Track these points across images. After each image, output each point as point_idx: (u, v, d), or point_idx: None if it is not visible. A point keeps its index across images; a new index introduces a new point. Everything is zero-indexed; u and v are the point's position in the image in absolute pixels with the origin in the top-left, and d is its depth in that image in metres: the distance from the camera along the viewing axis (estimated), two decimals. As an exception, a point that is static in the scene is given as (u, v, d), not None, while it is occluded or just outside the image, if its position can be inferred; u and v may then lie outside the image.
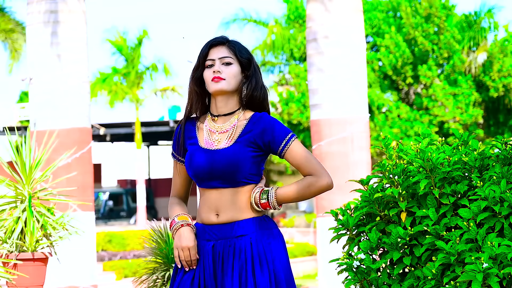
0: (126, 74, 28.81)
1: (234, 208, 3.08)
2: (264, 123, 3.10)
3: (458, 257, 3.02)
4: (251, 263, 3.03)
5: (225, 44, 3.16)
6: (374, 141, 21.66)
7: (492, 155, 3.32)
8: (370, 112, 22.12)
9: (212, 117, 3.17)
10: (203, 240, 3.11)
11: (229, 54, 3.13)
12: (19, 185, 4.77)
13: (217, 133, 3.13)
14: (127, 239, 20.71)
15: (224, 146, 3.10)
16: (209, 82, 3.11)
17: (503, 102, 23.12)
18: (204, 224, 3.13)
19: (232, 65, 3.13)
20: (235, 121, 3.13)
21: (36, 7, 8.58)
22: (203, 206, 3.14)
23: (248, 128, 3.11)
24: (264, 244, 3.06)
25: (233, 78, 3.11)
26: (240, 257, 3.03)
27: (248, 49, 3.20)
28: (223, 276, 3.03)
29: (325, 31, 8.68)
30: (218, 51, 3.14)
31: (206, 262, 3.07)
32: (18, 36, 24.39)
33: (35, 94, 8.62)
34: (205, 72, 3.13)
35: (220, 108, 3.15)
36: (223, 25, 25.66)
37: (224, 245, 3.06)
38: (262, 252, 3.05)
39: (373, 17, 23.74)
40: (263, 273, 3.01)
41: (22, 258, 4.62)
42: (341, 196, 8.47)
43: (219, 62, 3.12)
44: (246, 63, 3.15)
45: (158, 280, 4.29)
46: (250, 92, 3.13)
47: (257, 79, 3.16)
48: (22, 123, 31.44)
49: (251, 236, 3.06)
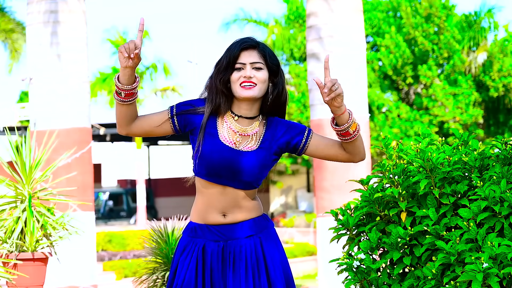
0: (126, 74, 28.75)
1: (241, 208, 3.07)
2: (283, 125, 3.11)
3: (458, 257, 3.02)
4: (264, 263, 3.04)
5: (256, 48, 3.09)
6: (374, 141, 21.66)
7: (492, 155, 3.32)
8: (370, 112, 22.13)
9: (233, 115, 3.11)
10: (210, 241, 3.06)
11: (260, 60, 3.07)
12: (19, 185, 4.77)
13: (238, 134, 3.08)
14: (127, 239, 20.71)
15: (248, 149, 3.06)
16: (237, 86, 3.05)
17: (503, 102, 23.13)
18: (208, 224, 3.07)
19: (262, 70, 3.06)
20: (256, 127, 3.09)
21: (36, 7, 8.59)
22: (204, 204, 3.07)
23: (268, 135, 3.09)
24: (270, 243, 3.08)
25: (263, 84, 3.07)
26: (251, 257, 3.03)
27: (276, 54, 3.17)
28: (233, 276, 3.01)
29: (326, 31, 8.68)
30: (250, 55, 3.07)
31: (215, 262, 3.03)
32: (18, 36, 24.40)
33: (35, 94, 8.62)
34: (234, 75, 3.05)
35: (244, 111, 3.10)
36: (224, 26, 25.68)
37: (235, 246, 3.04)
38: (267, 252, 3.06)
39: (373, 17, 23.74)
40: (276, 273, 3.03)
41: (22, 258, 4.62)
42: (341, 196, 8.48)
43: (250, 67, 3.05)
44: (275, 69, 3.11)
45: (158, 280, 4.29)
46: (277, 97, 3.11)
47: (284, 84, 3.14)
48: (22, 123, 31.43)
49: (260, 235, 3.07)
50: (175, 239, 4.28)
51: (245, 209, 3.07)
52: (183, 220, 4.34)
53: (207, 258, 3.05)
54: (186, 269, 3.06)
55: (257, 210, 3.11)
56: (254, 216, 3.09)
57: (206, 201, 3.08)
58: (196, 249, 3.07)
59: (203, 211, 3.08)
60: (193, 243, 3.09)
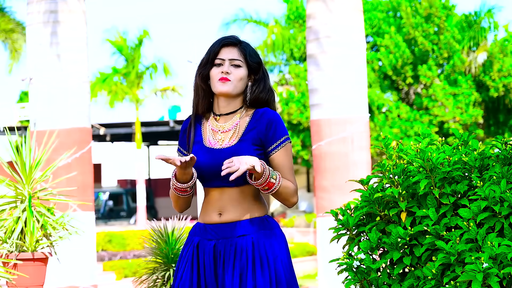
0: (126, 74, 28.81)
1: (237, 208, 3.08)
2: (268, 118, 3.10)
3: (458, 257, 3.02)
4: (252, 263, 3.02)
5: (237, 46, 3.14)
6: (374, 141, 21.66)
7: (492, 155, 3.31)
8: (370, 112, 22.12)
9: (214, 116, 3.16)
10: (204, 239, 3.10)
11: (239, 57, 3.12)
12: (19, 185, 4.77)
13: (219, 132, 3.12)
14: (127, 239, 20.72)
15: (227, 145, 3.09)
16: (215, 81, 3.11)
17: (503, 102, 23.13)
18: (206, 224, 3.12)
19: (240, 68, 3.12)
20: (237, 120, 3.13)
21: (36, 7, 8.58)
22: (206, 205, 3.14)
23: (251, 126, 3.11)
24: (266, 244, 3.06)
25: (239, 81, 3.11)
26: (241, 257, 3.03)
27: (258, 53, 3.20)
28: (223, 275, 3.03)
29: (326, 30, 8.68)
30: (230, 51, 3.12)
31: (207, 260, 3.07)
32: (18, 36, 24.41)
33: (35, 94, 8.62)
34: (213, 70, 3.12)
35: (222, 108, 3.15)
36: (224, 26, 25.68)
37: (225, 245, 3.06)
38: (263, 252, 3.05)
39: (373, 17, 23.74)
40: (263, 274, 3.01)
41: (22, 258, 4.62)
42: (341, 196, 8.48)
43: (228, 63, 3.11)
44: (255, 67, 3.15)
45: (158, 280, 4.29)
46: (257, 94, 3.13)
47: (265, 82, 3.16)
48: (22, 123, 31.44)
49: (253, 236, 3.06)
50: (175, 239, 4.28)
51: (242, 209, 3.08)
52: (183, 220, 4.35)
53: (200, 256, 3.09)
54: (184, 266, 3.13)
55: (257, 210, 3.11)
56: (253, 216, 3.09)
57: (206, 202, 3.15)
58: (192, 247, 3.13)
59: (204, 212, 3.15)
60: (191, 242, 3.15)
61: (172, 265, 4.22)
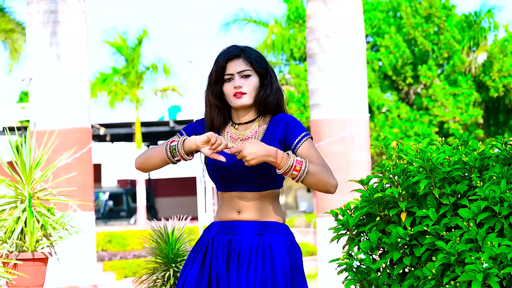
0: (126, 74, 28.82)
1: (256, 210, 3.10)
2: (283, 121, 3.11)
3: (458, 257, 3.02)
4: (262, 263, 3.03)
5: (241, 56, 3.13)
6: (374, 141, 21.66)
7: (492, 155, 3.31)
8: (370, 112, 22.13)
9: (233, 124, 3.18)
10: (220, 234, 3.12)
11: (247, 67, 3.12)
12: (19, 185, 4.77)
13: (239, 140, 3.14)
14: (127, 239, 20.73)
15: None
16: (231, 97, 3.12)
17: (503, 102, 23.13)
18: (223, 221, 3.14)
19: (251, 77, 3.12)
20: (256, 127, 3.15)
21: (36, 7, 8.59)
22: (224, 206, 3.15)
23: (269, 131, 3.12)
24: (283, 251, 3.06)
25: (254, 91, 3.12)
26: (257, 256, 3.04)
27: (262, 55, 3.19)
28: (237, 272, 3.03)
29: (326, 31, 8.68)
30: (235, 64, 3.12)
31: (220, 252, 3.08)
32: (18, 36, 24.42)
33: (35, 94, 8.63)
34: (225, 86, 3.12)
35: (242, 117, 3.17)
36: (224, 26, 25.70)
37: (241, 241, 3.07)
38: (279, 258, 3.04)
39: (373, 17, 23.74)
40: (266, 274, 3.02)
41: (22, 258, 4.62)
42: (341, 196, 8.46)
43: (238, 76, 3.11)
44: (264, 72, 3.15)
45: (158, 280, 4.28)
46: (264, 100, 3.13)
47: (273, 85, 3.16)
48: (22, 123, 31.43)
49: (271, 238, 3.07)
50: (175, 239, 4.28)
51: (260, 212, 3.10)
52: (183, 220, 4.34)
53: (214, 247, 3.11)
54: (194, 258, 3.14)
55: (275, 216, 3.12)
56: (271, 220, 3.10)
57: (226, 204, 3.16)
58: (206, 240, 3.15)
59: (221, 210, 3.17)
60: (205, 237, 3.17)
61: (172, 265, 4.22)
